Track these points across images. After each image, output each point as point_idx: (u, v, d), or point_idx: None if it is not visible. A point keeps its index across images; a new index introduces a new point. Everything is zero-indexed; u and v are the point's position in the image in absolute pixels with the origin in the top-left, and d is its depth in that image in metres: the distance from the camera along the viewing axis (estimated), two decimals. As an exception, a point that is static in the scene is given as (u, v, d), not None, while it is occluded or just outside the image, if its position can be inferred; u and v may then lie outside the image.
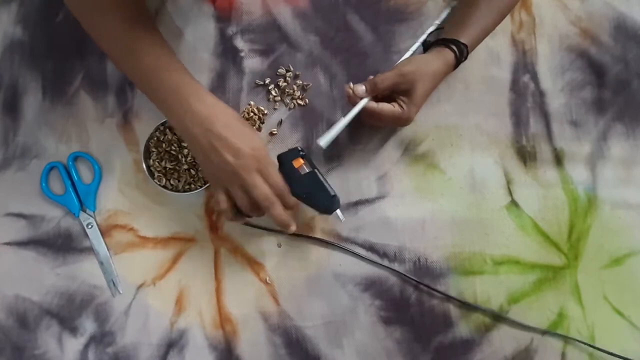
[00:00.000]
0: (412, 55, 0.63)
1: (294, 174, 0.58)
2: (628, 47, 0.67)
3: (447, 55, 0.59)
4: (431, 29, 0.65)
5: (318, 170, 0.59)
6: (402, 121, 0.59)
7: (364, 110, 0.58)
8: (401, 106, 0.58)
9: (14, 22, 0.67)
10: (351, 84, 0.58)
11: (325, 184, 0.58)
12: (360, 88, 0.58)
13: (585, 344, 0.61)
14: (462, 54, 0.59)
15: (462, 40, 0.59)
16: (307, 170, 0.58)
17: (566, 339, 0.62)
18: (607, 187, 0.65)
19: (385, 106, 0.58)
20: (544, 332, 0.62)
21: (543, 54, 0.67)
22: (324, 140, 0.57)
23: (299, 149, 0.59)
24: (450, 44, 0.59)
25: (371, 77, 0.59)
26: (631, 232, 0.64)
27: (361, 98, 0.58)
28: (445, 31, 0.63)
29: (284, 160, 0.58)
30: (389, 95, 0.59)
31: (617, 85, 0.66)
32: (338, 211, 0.59)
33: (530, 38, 0.67)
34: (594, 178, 0.65)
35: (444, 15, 0.66)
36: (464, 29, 0.60)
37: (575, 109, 0.66)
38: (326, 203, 0.58)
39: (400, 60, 0.62)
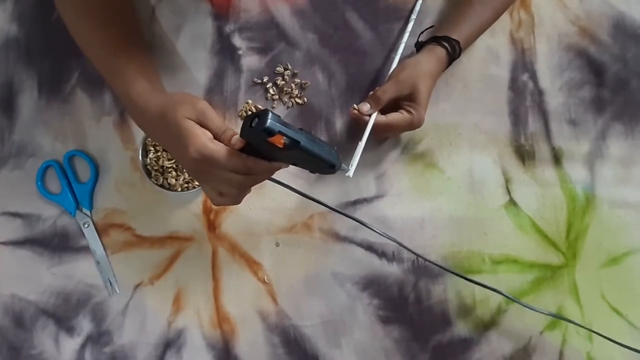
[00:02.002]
0: (402, 57, 0.63)
1: (271, 152, 0.47)
2: (627, 46, 0.67)
3: (438, 52, 0.59)
4: (411, 25, 0.65)
5: (300, 132, 0.47)
6: (415, 125, 0.59)
7: (375, 126, 0.58)
8: (410, 112, 0.58)
9: (10, 20, 0.66)
10: (355, 105, 0.58)
11: (317, 152, 0.48)
12: (365, 106, 0.58)
13: (585, 328, 0.61)
14: (454, 50, 0.59)
15: (454, 37, 0.59)
16: (286, 141, 0.45)
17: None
18: (605, 186, 0.65)
19: (395, 116, 0.58)
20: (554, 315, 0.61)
21: (542, 53, 0.67)
22: (350, 171, 0.56)
23: (268, 115, 0.44)
24: (442, 40, 0.59)
25: (370, 92, 0.59)
26: (629, 231, 0.64)
27: (368, 115, 0.58)
28: (438, 29, 0.63)
29: (253, 139, 0.46)
30: (393, 105, 0.59)
31: (616, 84, 0.66)
32: (343, 166, 0.53)
33: (529, 37, 0.67)
34: (593, 177, 0.65)
35: (417, 7, 0.66)
36: (456, 26, 0.61)
37: (574, 108, 0.66)
38: (322, 169, 0.52)
39: (393, 66, 0.62)
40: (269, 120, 0.44)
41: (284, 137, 0.45)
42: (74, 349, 0.62)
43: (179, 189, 0.62)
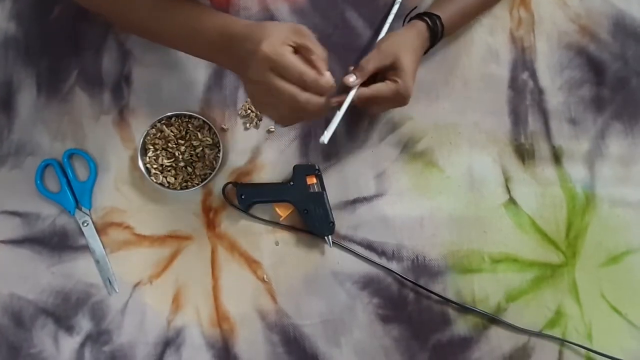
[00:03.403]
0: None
1: (303, 188, 0.61)
2: (627, 45, 0.66)
3: (419, 26, 0.59)
4: (396, 7, 0.64)
5: (326, 193, 0.62)
6: (402, 96, 0.57)
7: (361, 99, 0.56)
8: (395, 80, 0.56)
9: (8, 18, 0.66)
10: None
11: (328, 208, 0.61)
12: (351, 77, 0.56)
13: (581, 346, 0.61)
14: (435, 24, 0.59)
15: (436, 13, 0.59)
16: (316, 190, 0.62)
17: (562, 342, 0.62)
18: (605, 185, 0.65)
19: (379, 86, 0.56)
20: (537, 334, 0.62)
21: (542, 52, 0.66)
22: (325, 137, 0.54)
23: (316, 167, 0.62)
24: (423, 16, 0.59)
25: (351, 68, 0.57)
26: (629, 230, 0.64)
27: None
28: (423, 8, 0.62)
29: (298, 172, 0.62)
30: (377, 79, 0.58)
31: (616, 83, 0.66)
32: (330, 237, 0.62)
33: (529, 35, 0.67)
34: (592, 176, 0.65)
35: None
36: (440, 4, 0.61)
37: (573, 106, 0.66)
38: (322, 226, 0.61)
39: (377, 41, 0.61)
40: (316, 166, 0.62)
41: (317, 180, 0.62)
42: (74, 348, 0.62)
43: (178, 188, 0.62)
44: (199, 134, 0.63)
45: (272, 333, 0.62)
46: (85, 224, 0.63)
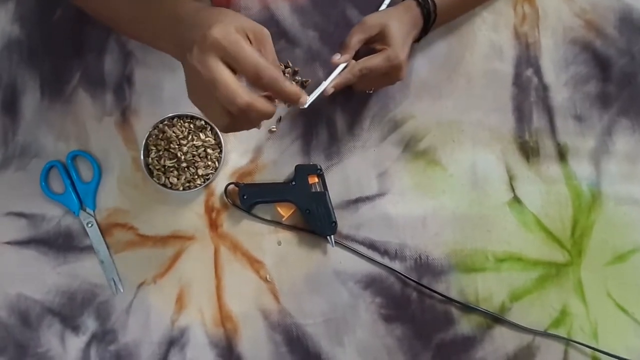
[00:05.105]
0: None
1: (305, 188, 0.61)
2: (634, 40, 0.65)
3: (407, 2, 0.58)
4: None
5: (328, 193, 0.62)
6: (393, 65, 0.55)
7: (351, 75, 0.55)
8: (384, 49, 0.55)
9: (11, 21, 0.66)
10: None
11: (330, 208, 0.62)
12: (336, 56, 0.56)
13: (586, 345, 0.61)
14: (425, 2, 0.57)
15: None
16: (318, 190, 0.62)
17: (567, 342, 0.61)
18: (611, 183, 0.64)
19: (369, 57, 0.55)
20: (542, 334, 0.62)
21: (547, 47, 0.65)
22: (306, 103, 0.50)
23: (318, 167, 0.62)
24: None
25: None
26: (636, 228, 0.63)
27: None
28: None
29: (300, 172, 0.62)
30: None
31: (623, 78, 0.65)
32: (332, 237, 0.62)
33: (533, 31, 0.66)
34: (598, 173, 0.64)
35: None
36: None
37: (579, 103, 0.65)
38: (324, 225, 0.62)
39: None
40: (318, 166, 0.62)
41: (319, 180, 0.62)
42: (80, 347, 0.63)
43: (181, 188, 0.62)
44: (201, 134, 0.63)
45: (275, 332, 0.62)
46: (90, 225, 0.64)
